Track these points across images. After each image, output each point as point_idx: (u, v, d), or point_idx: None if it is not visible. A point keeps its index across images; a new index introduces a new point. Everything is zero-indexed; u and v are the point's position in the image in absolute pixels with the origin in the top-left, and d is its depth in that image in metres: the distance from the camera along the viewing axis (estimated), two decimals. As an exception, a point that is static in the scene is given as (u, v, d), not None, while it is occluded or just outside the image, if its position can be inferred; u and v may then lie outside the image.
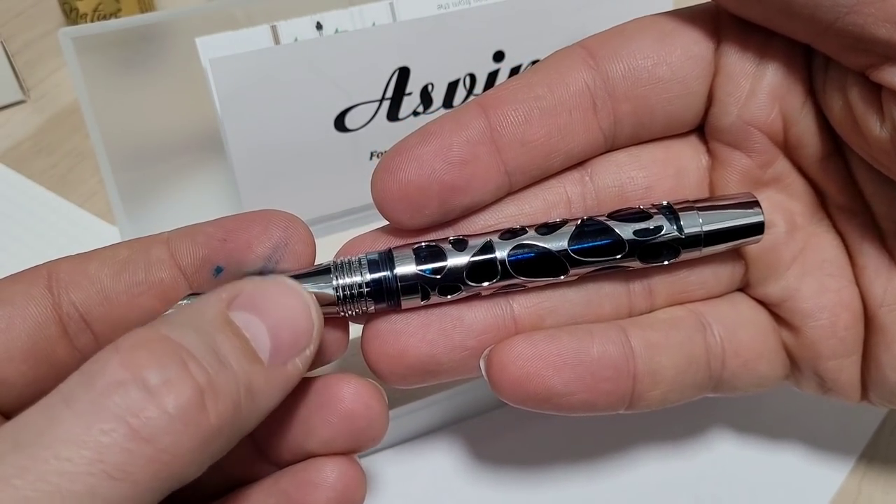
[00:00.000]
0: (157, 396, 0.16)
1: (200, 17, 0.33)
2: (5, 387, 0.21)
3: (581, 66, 0.23)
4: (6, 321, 0.21)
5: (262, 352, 0.19)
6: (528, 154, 0.23)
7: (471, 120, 0.22)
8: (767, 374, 0.25)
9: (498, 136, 0.22)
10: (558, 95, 0.23)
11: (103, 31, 0.32)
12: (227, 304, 0.19)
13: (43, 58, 0.48)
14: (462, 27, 0.35)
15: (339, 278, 0.22)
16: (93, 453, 0.15)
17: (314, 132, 0.35)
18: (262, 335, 0.19)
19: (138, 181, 0.35)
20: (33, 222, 0.40)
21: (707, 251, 0.23)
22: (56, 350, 0.21)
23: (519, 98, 0.23)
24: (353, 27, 0.34)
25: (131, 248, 0.22)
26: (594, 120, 0.24)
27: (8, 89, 0.45)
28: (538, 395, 0.23)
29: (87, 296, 0.21)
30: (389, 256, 0.22)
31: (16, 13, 0.51)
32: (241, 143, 0.34)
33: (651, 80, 0.23)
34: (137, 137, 0.35)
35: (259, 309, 0.19)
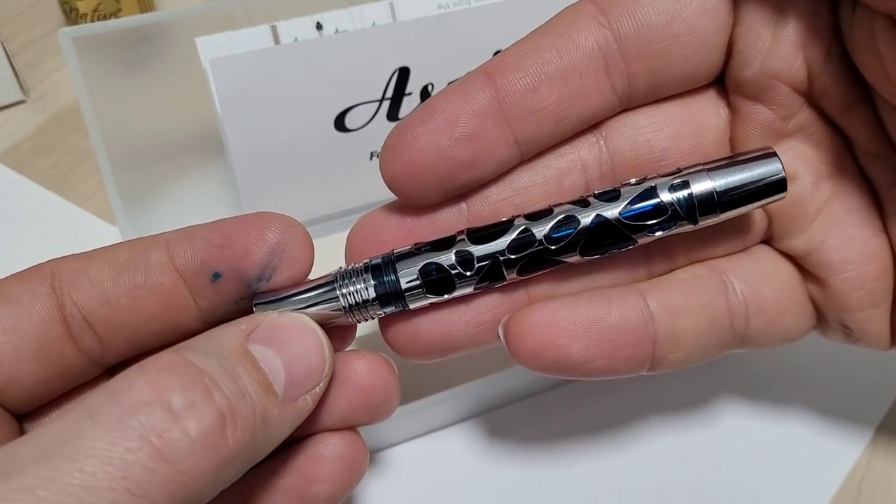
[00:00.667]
0: (181, 419, 0.17)
1: (200, 17, 0.33)
2: (15, 385, 0.21)
3: (592, 25, 0.22)
4: (15, 319, 0.21)
5: (277, 385, 0.19)
6: (538, 123, 0.22)
7: (476, 91, 0.22)
8: (793, 329, 0.25)
9: (506, 106, 0.22)
10: (567, 59, 0.22)
11: (103, 31, 0.32)
12: (245, 337, 0.20)
13: (43, 58, 0.48)
14: (462, 27, 0.35)
15: (345, 287, 0.22)
16: (117, 470, 0.16)
17: (314, 132, 0.35)
18: (279, 369, 0.19)
19: (138, 181, 0.35)
20: (33, 222, 0.40)
21: (724, 216, 0.22)
22: (63, 350, 0.21)
23: (526, 64, 0.22)
24: (353, 27, 0.34)
25: (131, 250, 0.22)
26: (606, 82, 0.23)
27: (8, 89, 0.45)
28: (557, 363, 0.22)
29: (89, 298, 0.21)
30: (391, 261, 0.22)
31: (16, 13, 0.51)
32: (241, 143, 0.34)
33: (666, 36, 0.22)
34: (137, 137, 0.35)
35: (276, 343, 0.20)
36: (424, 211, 0.23)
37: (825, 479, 0.31)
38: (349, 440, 0.23)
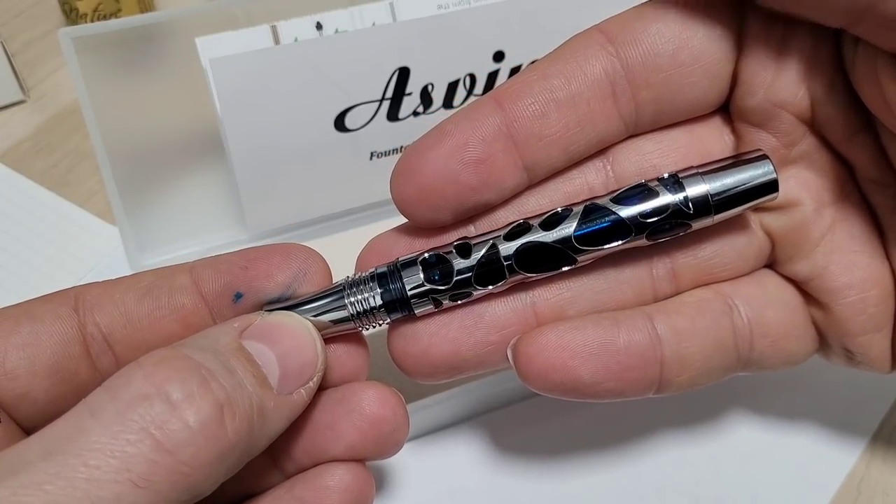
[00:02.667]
0: (180, 410, 0.17)
1: (200, 17, 0.33)
2: (28, 402, 0.21)
3: (600, 53, 0.23)
4: (34, 336, 0.21)
5: (272, 378, 0.20)
6: (545, 148, 0.22)
7: (486, 116, 0.22)
8: (796, 352, 0.25)
9: (514, 131, 0.22)
10: (576, 86, 0.22)
11: (103, 31, 0.32)
12: (239, 334, 0.20)
13: (43, 58, 0.48)
14: (462, 27, 0.35)
15: (352, 295, 0.22)
16: (119, 462, 0.16)
17: (314, 132, 0.35)
18: (272, 364, 0.20)
19: (138, 181, 0.35)
20: (33, 222, 0.40)
21: (719, 217, 0.22)
22: (79, 369, 0.22)
23: (534, 91, 0.22)
24: (353, 27, 0.34)
25: (156, 275, 0.23)
26: (614, 108, 0.23)
27: (8, 89, 0.45)
28: (565, 385, 0.23)
29: (112, 318, 0.22)
30: (396, 268, 0.22)
31: (16, 13, 0.51)
32: (241, 143, 0.34)
33: (673, 65, 0.22)
34: (137, 137, 0.35)
35: (269, 339, 0.20)
36: (433, 233, 0.23)
37: (825, 480, 0.31)
38: (355, 472, 0.23)
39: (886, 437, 0.32)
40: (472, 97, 0.37)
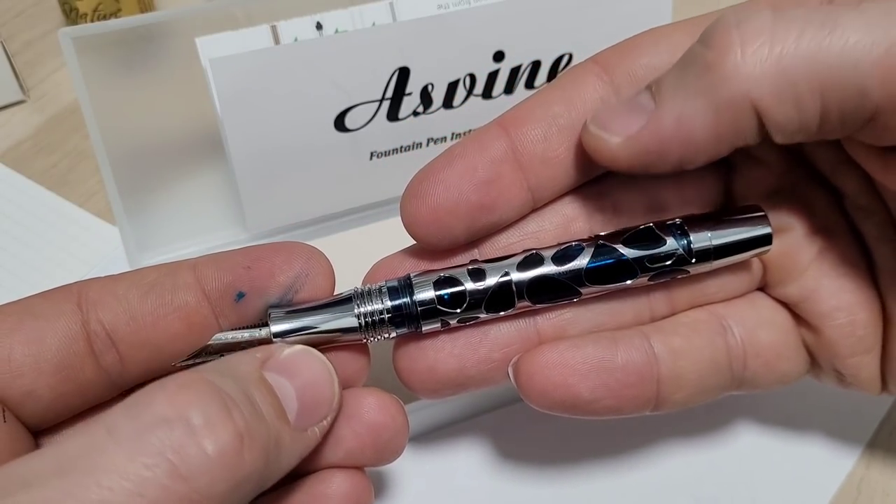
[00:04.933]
0: (199, 437, 0.17)
1: (200, 17, 0.33)
2: (33, 399, 0.21)
3: (596, 82, 0.24)
4: (38, 333, 0.21)
5: (289, 412, 0.20)
6: (549, 171, 0.23)
7: (492, 140, 0.23)
8: (788, 372, 0.26)
9: (519, 154, 0.23)
10: (576, 112, 0.23)
11: (103, 31, 0.32)
12: (261, 364, 0.20)
13: (43, 58, 0.48)
14: (462, 27, 0.35)
15: (361, 306, 0.22)
16: (133, 486, 0.16)
17: (314, 132, 0.35)
18: (291, 397, 0.20)
19: (138, 181, 0.35)
20: (33, 222, 0.40)
21: (717, 264, 0.24)
22: (83, 366, 0.22)
23: (537, 116, 0.23)
24: (353, 27, 0.34)
25: (159, 272, 0.23)
26: None
27: (8, 89, 0.45)
28: (565, 402, 0.23)
29: (115, 315, 0.22)
30: (409, 283, 0.23)
31: (16, 13, 0.51)
32: (241, 143, 0.34)
33: None
34: (137, 137, 0.35)
35: (289, 373, 0.20)
36: (439, 256, 0.24)
37: (825, 481, 0.31)
38: (354, 479, 0.23)
39: (886, 437, 0.32)
40: (472, 97, 0.37)
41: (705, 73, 0.20)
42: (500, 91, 0.37)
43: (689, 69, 0.20)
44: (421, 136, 0.37)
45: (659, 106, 0.21)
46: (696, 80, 0.20)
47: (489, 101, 0.37)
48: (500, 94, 0.37)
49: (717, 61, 0.20)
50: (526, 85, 0.38)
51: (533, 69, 0.37)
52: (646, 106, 0.21)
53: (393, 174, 0.38)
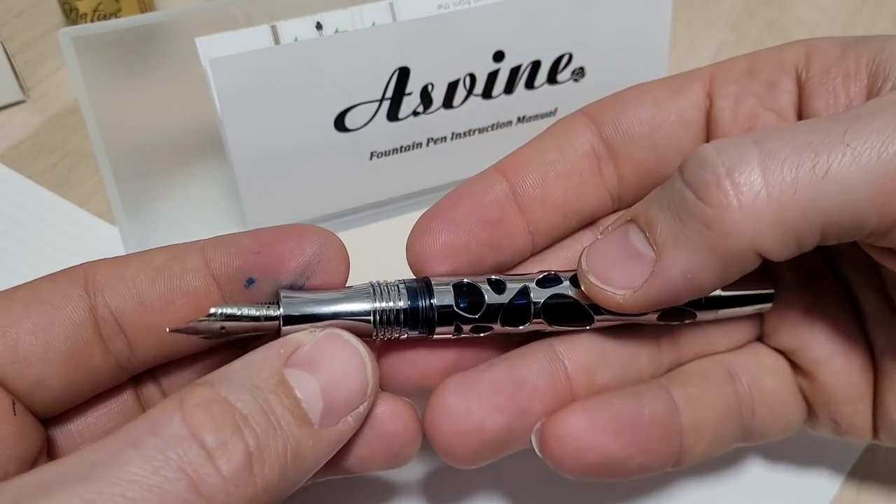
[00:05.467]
0: (214, 458, 0.17)
1: (200, 17, 0.33)
2: (43, 389, 0.21)
3: (585, 131, 0.25)
4: (45, 320, 0.21)
5: (313, 412, 0.19)
6: (548, 214, 0.24)
7: (494, 183, 0.24)
8: (792, 419, 0.26)
9: (520, 197, 0.24)
10: (569, 159, 0.24)
11: (103, 31, 0.32)
12: (284, 361, 0.20)
13: (43, 58, 0.48)
14: (462, 27, 0.35)
15: (377, 301, 0.21)
16: (156, 498, 0.16)
17: (314, 132, 0.35)
18: (315, 396, 0.19)
19: (138, 181, 0.35)
20: (33, 222, 0.40)
21: (722, 314, 0.25)
22: (92, 353, 0.21)
23: (534, 162, 0.24)
24: (353, 27, 0.34)
25: (167, 254, 0.22)
26: (601, 181, 0.25)
27: (8, 89, 0.45)
28: (598, 464, 0.23)
29: (123, 300, 0.22)
30: (428, 285, 0.22)
31: (16, 13, 0.51)
32: (241, 143, 0.34)
33: (648, 145, 0.25)
34: (137, 137, 0.35)
35: (314, 367, 0.20)
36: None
37: (825, 480, 0.31)
38: None
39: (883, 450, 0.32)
40: (472, 97, 0.37)
41: (706, 230, 0.20)
42: (500, 91, 0.37)
43: (686, 222, 0.20)
44: (421, 136, 0.37)
45: (662, 258, 0.21)
46: (698, 236, 0.20)
47: (489, 101, 0.37)
48: (500, 94, 0.37)
49: (716, 218, 0.20)
50: (526, 85, 0.38)
51: (533, 69, 0.37)
52: (645, 255, 0.21)
53: (393, 174, 0.38)
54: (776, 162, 0.19)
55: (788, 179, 0.19)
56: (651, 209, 0.21)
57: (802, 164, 0.19)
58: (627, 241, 0.22)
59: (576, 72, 0.38)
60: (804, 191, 0.19)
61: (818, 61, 0.24)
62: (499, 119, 0.38)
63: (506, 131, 0.39)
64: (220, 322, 0.21)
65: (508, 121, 0.39)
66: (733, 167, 0.19)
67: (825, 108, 0.23)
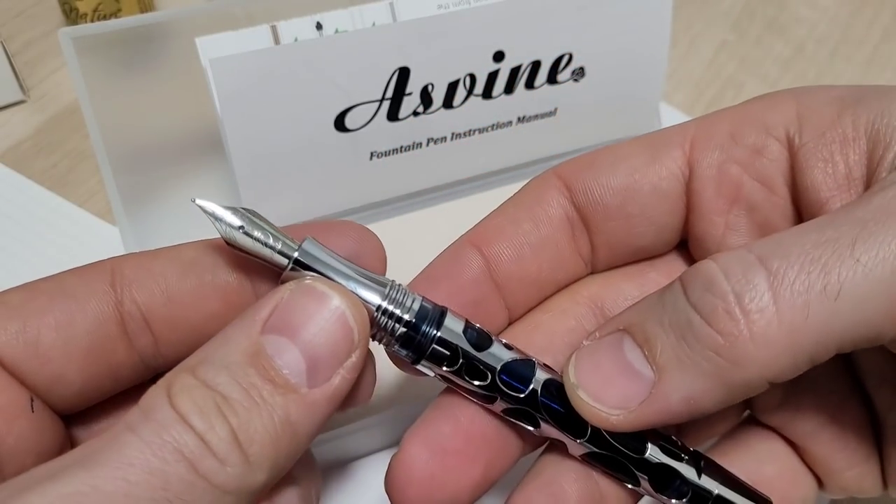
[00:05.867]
0: (205, 440, 0.17)
1: (200, 17, 0.33)
2: (63, 384, 0.21)
3: (558, 196, 0.24)
4: (68, 316, 0.21)
5: (297, 377, 0.18)
6: (524, 289, 0.24)
7: (470, 259, 0.23)
8: (806, 496, 0.25)
9: (495, 273, 0.23)
10: (544, 230, 0.24)
11: (103, 31, 0.32)
12: (260, 328, 0.19)
13: (43, 58, 0.48)
14: (462, 27, 0.35)
15: (387, 301, 0.20)
16: (158, 480, 0.16)
17: (314, 132, 0.35)
18: (296, 359, 0.19)
19: (138, 181, 0.35)
20: (33, 222, 0.40)
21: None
22: (115, 349, 0.21)
23: (508, 234, 0.23)
24: (353, 27, 0.34)
25: (197, 249, 0.22)
26: (576, 249, 0.24)
27: (8, 89, 0.45)
28: None
29: (151, 295, 0.21)
30: (442, 315, 0.21)
31: (16, 13, 0.51)
32: (241, 143, 0.34)
33: (621, 215, 0.23)
34: (137, 137, 0.35)
35: (291, 329, 0.19)
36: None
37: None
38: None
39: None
40: (472, 97, 0.37)
41: (715, 357, 0.19)
42: (500, 91, 0.37)
43: (693, 346, 0.19)
44: (421, 136, 0.37)
45: (663, 380, 0.20)
46: (705, 363, 0.19)
47: (489, 101, 0.37)
48: (500, 94, 0.37)
49: (727, 347, 0.18)
50: (526, 85, 0.38)
51: (533, 69, 0.37)
52: (642, 374, 0.20)
53: (393, 174, 0.38)
54: (785, 285, 0.18)
55: (800, 303, 0.18)
56: (648, 324, 0.20)
57: (813, 286, 0.18)
58: (622, 356, 0.20)
59: (576, 72, 0.38)
60: (817, 314, 0.18)
61: (811, 124, 0.22)
62: (499, 119, 0.38)
63: (506, 131, 0.39)
64: (242, 222, 0.20)
65: (508, 121, 0.39)
66: (742, 293, 0.18)
67: (823, 179, 0.22)
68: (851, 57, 0.54)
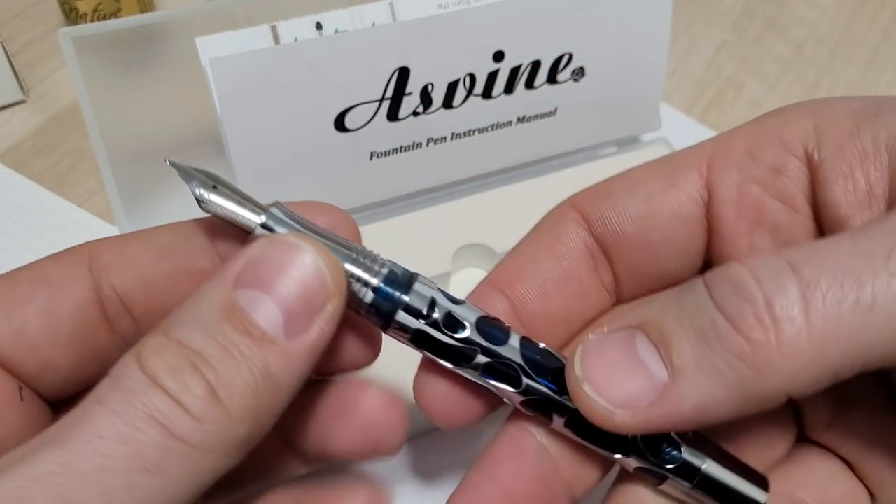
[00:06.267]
0: (180, 401, 0.17)
1: (200, 17, 0.33)
2: (51, 371, 0.21)
3: (576, 228, 0.23)
4: (51, 302, 0.20)
5: (273, 329, 0.18)
6: (551, 326, 0.23)
7: (495, 304, 0.23)
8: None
9: (521, 312, 0.23)
10: (565, 264, 0.23)
11: (103, 31, 0.32)
12: (232, 284, 0.18)
13: (43, 58, 0.48)
14: (462, 27, 0.35)
15: (353, 265, 0.20)
16: (132, 449, 0.16)
17: (314, 132, 0.35)
18: (272, 312, 0.18)
19: (138, 181, 0.35)
20: (33, 222, 0.40)
21: (695, 495, 0.21)
22: (98, 333, 0.21)
23: (530, 273, 0.23)
24: (353, 27, 0.34)
25: (172, 233, 0.22)
26: (599, 281, 0.24)
27: (8, 89, 0.45)
28: None
29: (128, 280, 0.21)
30: (410, 281, 0.21)
31: (16, 13, 0.51)
32: (241, 143, 0.34)
33: (641, 244, 0.23)
34: (137, 137, 0.35)
35: (264, 282, 0.18)
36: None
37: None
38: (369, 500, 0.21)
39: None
40: (472, 97, 0.37)
41: (739, 364, 0.18)
42: (500, 91, 0.37)
43: (715, 350, 0.18)
44: (421, 136, 0.37)
45: (677, 383, 0.19)
46: (727, 369, 0.18)
47: (489, 101, 0.37)
48: (500, 94, 0.37)
49: (752, 354, 0.18)
50: (526, 85, 0.38)
51: (533, 69, 0.37)
52: (655, 374, 0.19)
53: (393, 174, 0.38)
54: (818, 295, 0.17)
55: (831, 315, 0.17)
56: (666, 322, 0.19)
57: (845, 298, 0.17)
58: (633, 352, 0.19)
59: (576, 72, 0.38)
60: (847, 327, 0.17)
61: (829, 138, 0.21)
62: (499, 119, 0.38)
63: (506, 131, 0.39)
64: (214, 183, 0.20)
65: (508, 121, 0.39)
66: (773, 299, 0.18)
67: (843, 196, 0.21)
68: (851, 57, 0.54)
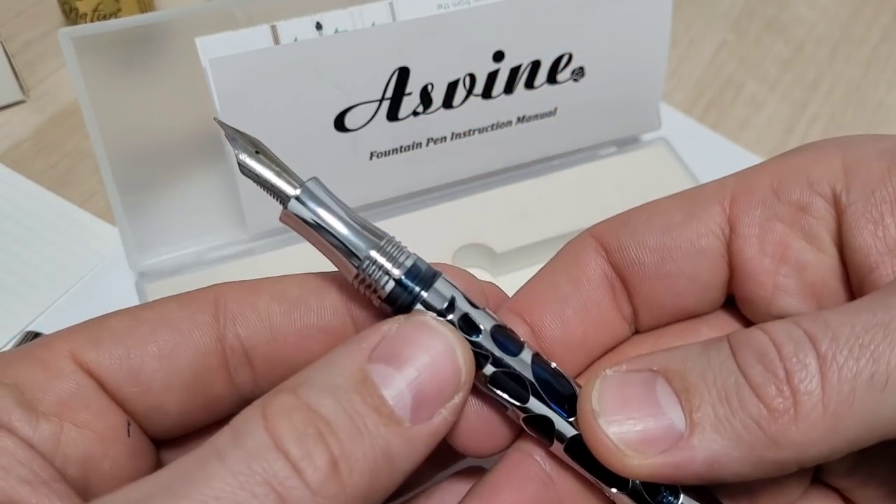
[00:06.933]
0: (299, 470, 0.16)
1: (200, 17, 0.33)
2: (161, 414, 0.21)
3: (596, 257, 0.23)
4: (171, 346, 0.20)
5: (401, 410, 0.18)
6: (571, 354, 0.23)
7: (515, 328, 0.22)
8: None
9: (540, 339, 0.23)
10: (585, 292, 0.23)
11: (103, 31, 0.32)
12: (367, 356, 0.18)
13: (43, 58, 0.48)
14: (462, 27, 0.35)
15: (379, 253, 0.20)
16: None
17: (314, 132, 0.35)
18: (403, 392, 0.18)
19: (138, 181, 0.35)
20: (33, 222, 0.40)
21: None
22: (214, 382, 0.21)
23: (550, 300, 0.23)
24: (353, 27, 0.34)
25: (303, 288, 0.22)
26: (618, 310, 0.23)
27: (8, 89, 0.45)
28: None
29: (255, 331, 0.21)
30: (433, 277, 0.20)
31: (16, 13, 0.51)
32: (241, 143, 0.34)
33: (659, 274, 0.23)
34: (137, 137, 0.35)
35: (399, 360, 0.18)
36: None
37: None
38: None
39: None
40: (471, 97, 0.37)
41: (755, 430, 0.18)
42: (499, 91, 0.37)
43: (736, 412, 0.18)
44: (421, 136, 0.37)
45: (694, 437, 0.18)
46: (745, 433, 0.18)
47: (489, 101, 0.37)
48: (499, 93, 0.37)
49: (770, 422, 0.18)
50: (526, 85, 0.38)
51: (533, 69, 0.37)
52: (673, 423, 0.19)
53: (393, 174, 0.38)
54: (833, 369, 0.18)
55: (846, 390, 0.17)
56: (691, 374, 0.19)
57: (861, 373, 0.17)
58: (653, 397, 0.19)
59: (576, 72, 0.38)
60: (861, 403, 0.17)
61: (859, 180, 0.21)
62: (499, 119, 0.38)
63: (506, 131, 0.39)
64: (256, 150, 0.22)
65: (508, 121, 0.39)
66: (793, 371, 0.18)
67: (872, 243, 0.21)
68: (851, 57, 0.54)
